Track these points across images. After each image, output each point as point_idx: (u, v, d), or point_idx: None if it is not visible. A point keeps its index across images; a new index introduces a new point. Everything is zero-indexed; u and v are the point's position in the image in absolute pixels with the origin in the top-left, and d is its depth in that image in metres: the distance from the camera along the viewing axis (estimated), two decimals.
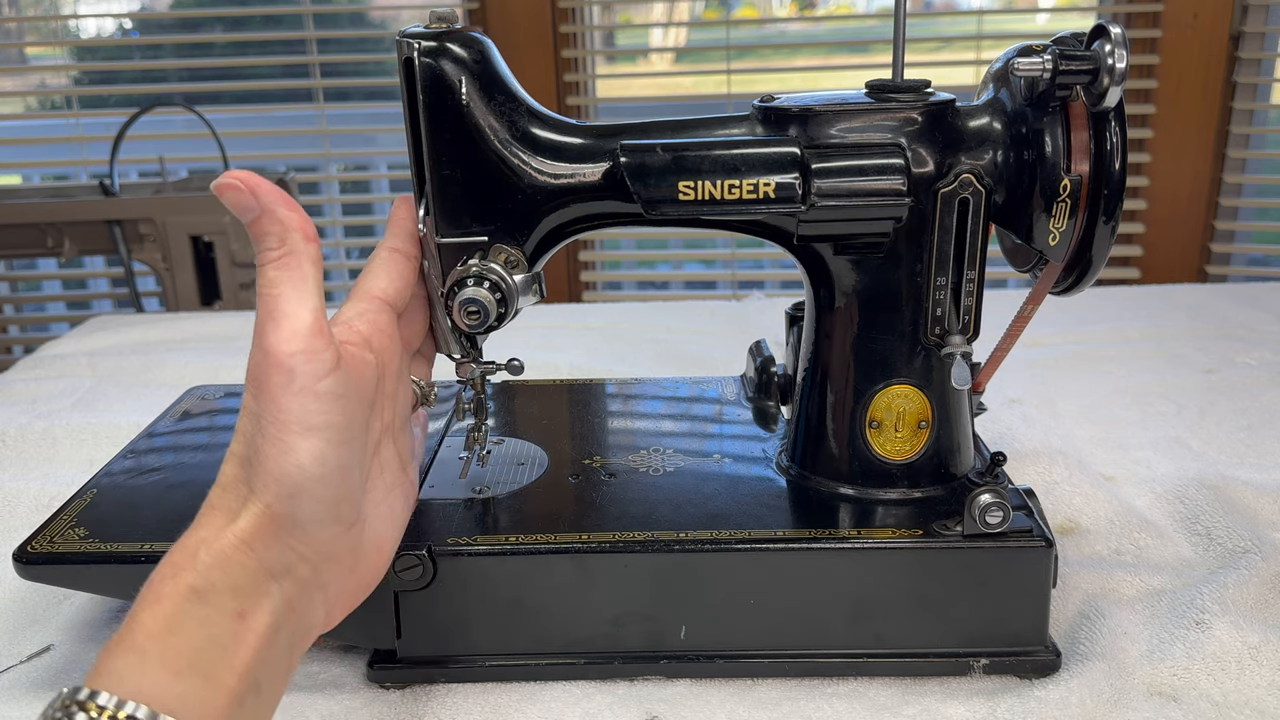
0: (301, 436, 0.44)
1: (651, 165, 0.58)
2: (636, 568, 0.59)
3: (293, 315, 0.44)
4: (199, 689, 0.40)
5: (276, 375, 0.43)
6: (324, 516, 0.46)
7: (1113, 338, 1.16)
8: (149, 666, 0.39)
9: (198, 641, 0.41)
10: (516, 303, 0.60)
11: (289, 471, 0.44)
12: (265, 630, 0.44)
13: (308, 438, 0.44)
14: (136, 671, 0.39)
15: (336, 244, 2.29)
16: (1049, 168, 0.57)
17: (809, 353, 0.66)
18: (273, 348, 0.43)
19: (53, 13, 2.39)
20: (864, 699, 0.58)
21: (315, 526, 0.45)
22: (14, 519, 0.81)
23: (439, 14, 0.58)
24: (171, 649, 0.40)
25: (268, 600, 0.44)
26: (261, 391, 0.44)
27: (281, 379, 0.43)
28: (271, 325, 0.44)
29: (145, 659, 0.40)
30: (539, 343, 1.17)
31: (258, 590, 0.44)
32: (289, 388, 0.43)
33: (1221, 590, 0.64)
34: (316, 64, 2.13)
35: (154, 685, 0.39)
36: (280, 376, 0.43)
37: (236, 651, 0.42)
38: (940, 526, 0.60)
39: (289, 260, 0.45)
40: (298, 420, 0.44)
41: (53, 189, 2.03)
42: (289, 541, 0.45)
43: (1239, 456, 0.87)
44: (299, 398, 0.44)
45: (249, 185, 0.44)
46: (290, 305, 0.44)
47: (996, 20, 2.19)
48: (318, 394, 0.44)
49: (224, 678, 0.41)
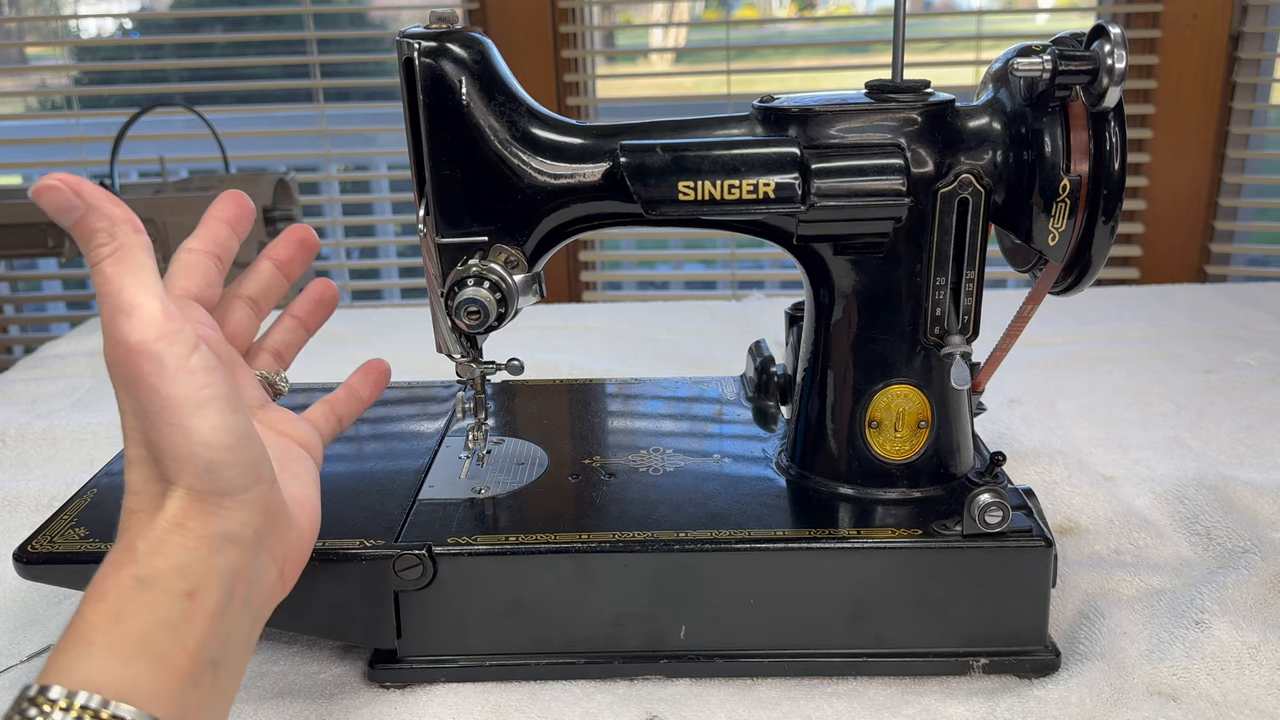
0: (195, 415, 0.43)
1: (651, 165, 0.58)
2: (636, 568, 0.59)
3: (142, 304, 0.43)
4: (150, 672, 0.40)
5: (146, 365, 0.42)
6: (244, 480, 0.46)
7: (1112, 338, 1.16)
8: (97, 657, 0.40)
9: (147, 626, 0.41)
10: (516, 303, 0.60)
11: (197, 451, 0.44)
12: (217, 604, 0.44)
13: (201, 415, 0.44)
14: (84, 663, 0.40)
15: (337, 244, 2.29)
16: (1048, 168, 0.57)
17: (809, 353, 0.66)
18: (132, 339, 0.42)
19: (53, 13, 2.39)
20: (864, 699, 0.58)
21: (240, 491, 0.45)
22: (14, 519, 0.81)
23: (439, 14, 0.58)
24: (119, 637, 0.41)
25: (215, 574, 0.44)
26: (137, 386, 0.43)
27: (153, 367, 0.42)
28: (123, 319, 0.42)
29: (93, 650, 0.40)
30: (539, 343, 1.17)
31: (203, 565, 0.44)
32: (163, 374, 0.43)
33: (1221, 590, 0.64)
34: (316, 64, 2.13)
35: (103, 674, 0.39)
36: (151, 365, 0.42)
37: (188, 632, 0.42)
38: (940, 526, 0.60)
39: (123, 254, 0.43)
40: (186, 400, 0.43)
41: None
42: (220, 512, 0.45)
43: (1239, 456, 0.87)
44: (177, 380, 0.43)
45: (70, 185, 0.43)
46: (136, 295, 0.43)
47: (996, 20, 2.19)
48: (192, 370, 0.43)
49: (175, 659, 0.41)
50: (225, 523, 0.45)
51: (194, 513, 0.44)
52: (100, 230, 0.43)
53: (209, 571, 0.44)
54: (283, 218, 1.86)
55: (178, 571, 0.43)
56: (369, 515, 0.62)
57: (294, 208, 1.92)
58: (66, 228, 0.44)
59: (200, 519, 0.44)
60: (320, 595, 0.59)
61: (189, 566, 0.43)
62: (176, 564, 0.43)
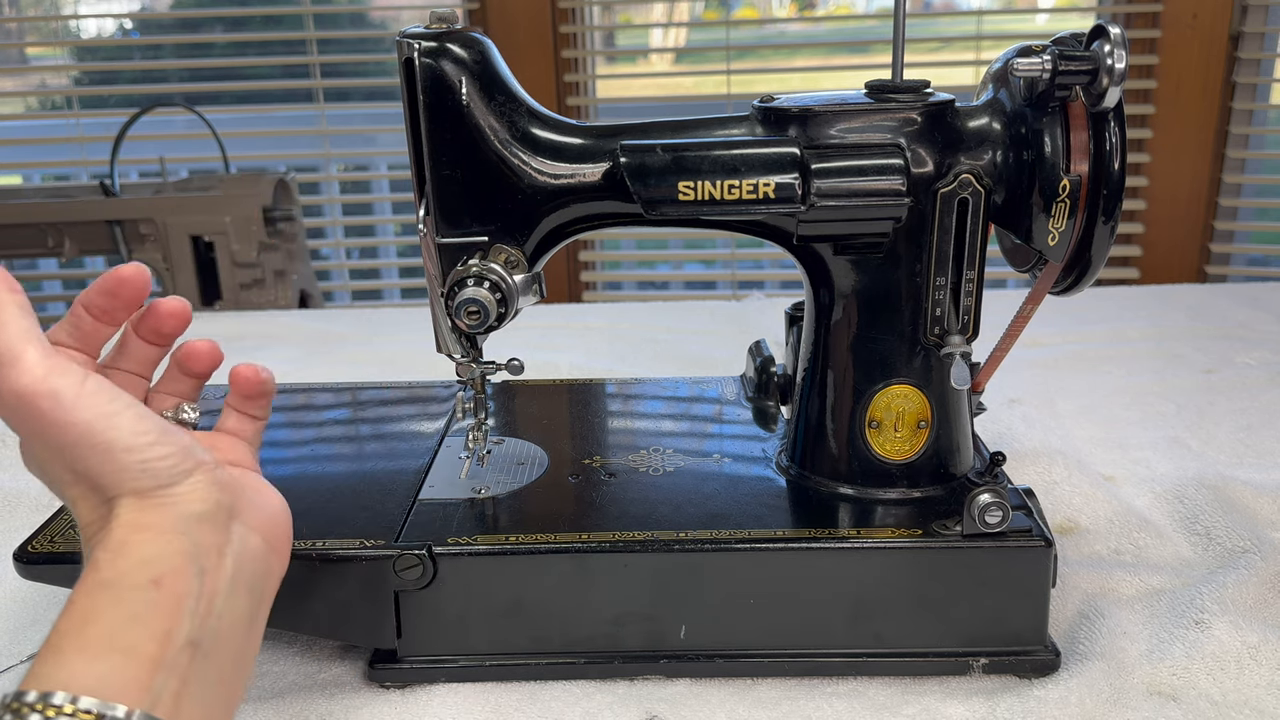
0: (109, 429, 0.44)
1: (651, 165, 0.58)
2: (636, 567, 0.59)
3: (21, 351, 0.43)
4: (118, 664, 0.41)
5: (44, 403, 0.43)
6: (184, 465, 0.46)
7: (1112, 338, 1.16)
8: (66, 659, 0.41)
9: (114, 623, 0.42)
10: (516, 303, 0.60)
11: (123, 458, 0.44)
12: (188, 585, 0.44)
13: (114, 426, 0.44)
14: (54, 667, 0.40)
15: (337, 244, 2.29)
16: (1048, 168, 0.57)
17: (809, 353, 0.66)
18: (22, 384, 0.43)
19: (53, 13, 2.39)
20: (864, 698, 0.58)
21: (183, 477, 0.46)
22: (14, 519, 0.81)
23: (439, 14, 0.58)
24: (86, 638, 0.41)
25: (181, 556, 0.44)
26: (44, 426, 0.43)
27: (51, 404, 0.43)
28: (6, 369, 0.43)
29: (62, 654, 0.41)
30: (539, 343, 1.17)
31: (168, 549, 0.44)
32: (62, 406, 0.43)
33: (1221, 590, 0.64)
34: (316, 64, 2.14)
35: (71, 674, 0.40)
36: (49, 402, 0.43)
37: (156, 618, 0.43)
38: (940, 526, 0.60)
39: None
40: (94, 420, 0.44)
41: (53, 189, 2.03)
42: (173, 500, 0.45)
43: (1238, 456, 0.87)
44: (78, 407, 0.43)
45: None
46: (14, 345, 0.43)
47: (996, 20, 2.19)
48: (91, 393, 0.44)
49: (144, 647, 0.42)
50: (182, 506, 0.46)
51: (148, 509, 0.45)
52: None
53: (174, 554, 0.44)
54: (283, 218, 1.86)
55: (142, 564, 0.44)
56: (369, 515, 0.62)
57: (294, 208, 1.92)
58: None
59: (156, 513, 0.45)
60: (320, 595, 0.59)
61: (153, 557, 0.44)
62: (140, 558, 0.44)
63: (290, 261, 1.93)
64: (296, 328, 1.28)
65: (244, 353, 0.96)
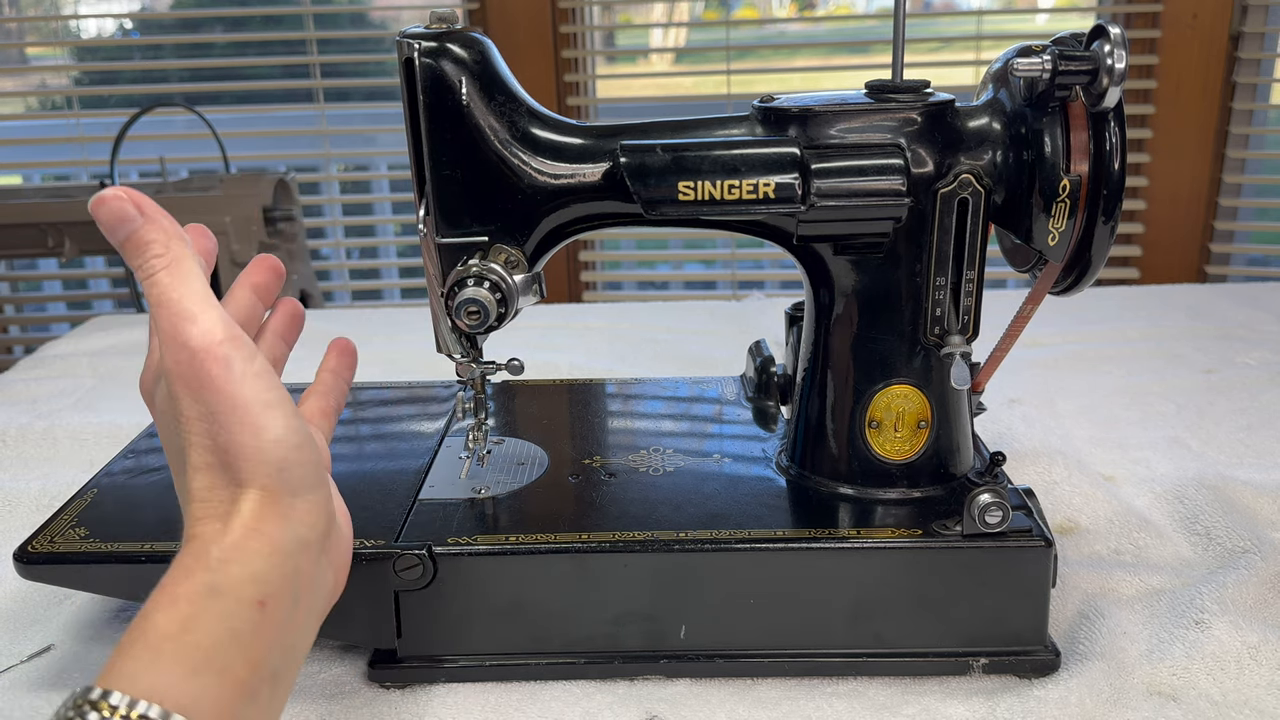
0: (265, 415, 0.44)
1: (651, 165, 0.58)
2: (636, 568, 0.59)
3: (203, 312, 0.44)
4: (213, 684, 0.40)
5: (214, 367, 0.43)
6: (313, 480, 0.46)
7: (1112, 338, 1.16)
8: (164, 665, 0.39)
9: (216, 637, 0.41)
10: (516, 303, 0.60)
11: (269, 448, 0.44)
12: (285, 613, 0.44)
13: (271, 414, 0.44)
14: (150, 671, 0.39)
15: (337, 244, 2.29)
16: (1048, 168, 0.57)
17: (809, 353, 0.66)
18: (199, 343, 0.43)
19: (53, 13, 2.39)
20: (864, 699, 0.58)
21: (308, 491, 0.46)
22: (14, 519, 0.81)
23: (439, 14, 0.58)
24: (188, 646, 0.40)
25: (286, 581, 0.44)
26: (205, 388, 0.44)
27: (220, 370, 0.43)
28: (186, 324, 0.44)
29: (160, 658, 0.40)
30: (539, 343, 1.17)
31: (276, 572, 0.44)
32: (230, 376, 0.44)
33: (1221, 590, 0.64)
34: (316, 64, 2.14)
35: (168, 684, 0.39)
36: (219, 368, 0.43)
37: (254, 642, 0.42)
38: (940, 526, 0.60)
39: (177, 265, 0.45)
40: (255, 400, 0.44)
41: (53, 189, 2.03)
42: (292, 514, 0.45)
43: (1238, 456, 0.87)
44: (245, 381, 0.44)
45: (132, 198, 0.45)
46: (196, 304, 0.44)
47: (996, 20, 2.19)
48: (258, 374, 0.44)
49: (239, 671, 0.41)
50: (297, 525, 0.45)
51: (268, 515, 0.44)
52: (156, 241, 0.45)
53: (280, 577, 0.44)
54: (283, 218, 1.86)
55: (252, 579, 0.43)
56: (369, 515, 0.62)
57: (294, 208, 1.92)
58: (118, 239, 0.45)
59: (274, 522, 0.44)
60: None
61: (263, 574, 0.43)
62: (251, 571, 0.43)
63: (290, 261, 1.93)
64: None
65: None
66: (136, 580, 0.60)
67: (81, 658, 0.64)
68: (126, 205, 0.45)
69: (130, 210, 0.45)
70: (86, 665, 0.63)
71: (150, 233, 0.45)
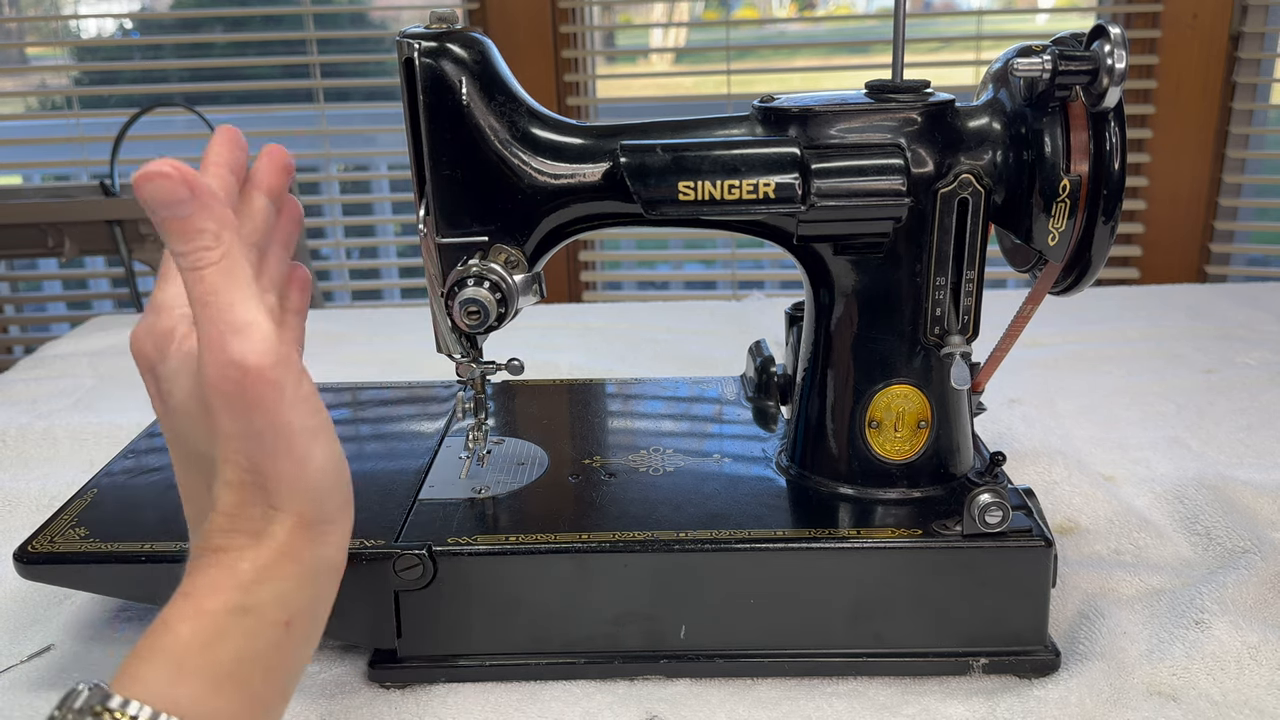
0: (312, 444, 0.42)
1: (651, 165, 0.58)
2: (636, 567, 0.59)
3: (254, 322, 0.40)
4: (233, 701, 0.39)
5: (267, 391, 0.40)
6: (345, 506, 0.46)
7: (1112, 338, 1.16)
8: (187, 678, 0.39)
9: (241, 654, 0.40)
10: (516, 303, 0.60)
11: (313, 478, 0.43)
12: (305, 634, 0.44)
13: (316, 443, 0.43)
14: (173, 683, 0.38)
15: (337, 244, 2.29)
16: (1048, 168, 0.57)
17: (809, 353, 0.66)
18: (251, 362, 0.40)
19: (53, 13, 2.39)
20: (864, 699, 0.58)
21: (340, 515, 0.45)
22: (14, 519, 0.81)
23: (439, 14, 0.58)
24: (212, 662, 0.39)
25: (311, 603, 0.44)
26: (253, 410, 0.40)
27: (273, 394, 0.41)
28: (236, 337, 0.40)
29: (183, 671, 0.39)
30: (539, 343, 1.17)
31: (302, 594, 0.43)
32: (281, 401, 0.41)
33: (1221, 590, 0.64)
34: (316, 64, 2.13)
35: (191, 698, 0.38)
36: (271, 392, 0.40)
37: (278, 662, 0.42)
38: (940, 526, 0.60)
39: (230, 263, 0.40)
40: (302, 428, 0.42)
41: (53, 189, 2.03)
42: (324, 539, 0.44)
43: (1238, 456, 0.87)
44: (294, 407, 0.41)
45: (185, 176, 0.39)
46: (249, 312, 0.40)
47: (996, 20, 2.19)
48: (306, 398, 0.42)
49: (260, 690, 0.41)
50: (327, 549, 0.44)
51: (303, 541, 0.43)
52: (208, 232, 0.40)
53: (307, 601, 0.44)
54: None
55: (280, 600, 0.42)
56: (369, 515, 0.62)
57: None
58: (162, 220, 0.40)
59: (309, 547, 0.44)
60: None
61: (289, 595, 0.43)
62: (279, 592, 0.42)
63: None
64: None
65: None
66: (136, 580, 0.60)
67: (81, 658, 0.64)
68: (178, 185, 0.39)
69: (182, 192, 0.39)
70: (86, 665, 0.63)
71: (202, 219, 0.40)
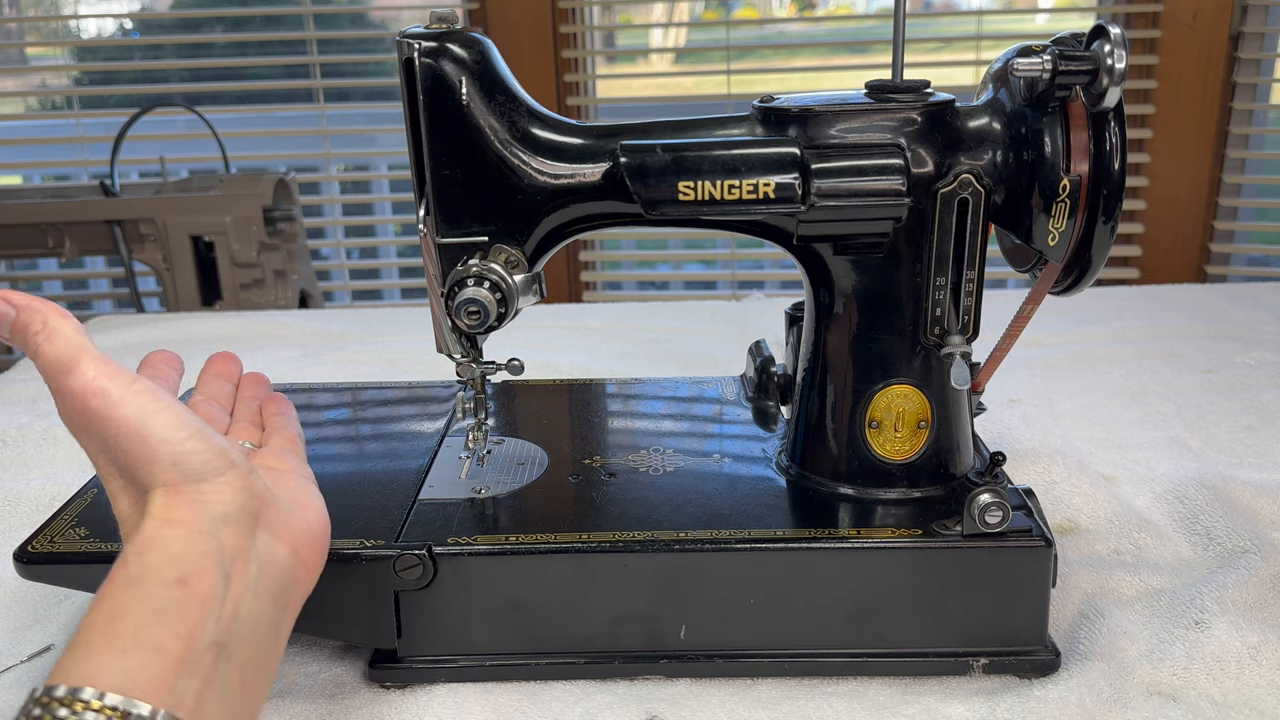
0: (148, 423, 0.46)
1: (651, 165, 0.58)
2: (636, 567, 0.59)
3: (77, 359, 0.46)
4: (145, 661, 0.41)
5: (94, 400, 0.46)
6: (216, 463, 0.47)
7: (1112, 338, 1.16)
8: (95, 654, 0.41)
9: (141, 619, 0.42)
10: (516, 303, 0.60)
11: (158, 449, 0.46)
12: (212, 587, 0.45)
13: (153, 420, 0.46)
14: (84, 662, 0.41)
15: (337, 244, 2.29)
16: (1048, 168, 0.57)
17: (809, 353, 0.66)
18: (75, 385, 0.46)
19: (53, 13, 2.39)
20: (864, 699, 0.58)
21: (215, 475, 0.47)
22: (14, 519, 0.81)
23: (439, 14, 0.58)
24: (115, 634, 0.42)
25: (208, 558, 0.45)
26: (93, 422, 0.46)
27: (100, 401, 0.46)
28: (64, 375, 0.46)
29: (91, 650, 0.41)
30: (539, 343, 1.17)
31: (194, 550, 0.45)
32: (110, 403, 0.46)
33: (1221, 590, 0.64)
34: (316, 64, 2.14)
35: (99, 669, 0.41)
36: (98, 399, 0.46)
37: (180, 617, 0.43)
38: (940, 526, 0.60)
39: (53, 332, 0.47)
40: (136, 414, 0.46)
41: (53, 189, 2.03)
42: (202, 497, 0.46)
43: (1238, 456, 0.87)
44: (125, 402, 0.46)
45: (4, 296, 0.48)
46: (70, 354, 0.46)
47: (996, 20, 2.20)
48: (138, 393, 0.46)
49: (169, 645, 0.42)
50: (211, 505, 0.47)
51: (177, 504, 0.46)
52: (32, 324, 0.47)
53: (201, 556, 0.45)
54: (283, 218, 1.86)
55: (169, 561, 0.44)
56: (369, 515, 0.62)
57: (294, 207, 1.92)
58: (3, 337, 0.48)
59: (183, 507, 0.46)
60: (320, 595, 0.59)
61: (180, 555, 0.45)
62: (167, 554, 0.45)
63: (290, 261, 1.93)
64: (296, 328, 1.28)
65: (244, 353, 0.96)
66: None
67: None
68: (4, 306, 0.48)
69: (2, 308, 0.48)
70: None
71: (25, 317, 0.47)
